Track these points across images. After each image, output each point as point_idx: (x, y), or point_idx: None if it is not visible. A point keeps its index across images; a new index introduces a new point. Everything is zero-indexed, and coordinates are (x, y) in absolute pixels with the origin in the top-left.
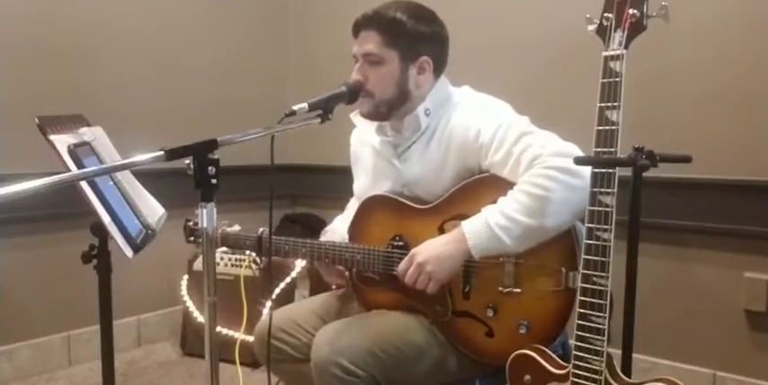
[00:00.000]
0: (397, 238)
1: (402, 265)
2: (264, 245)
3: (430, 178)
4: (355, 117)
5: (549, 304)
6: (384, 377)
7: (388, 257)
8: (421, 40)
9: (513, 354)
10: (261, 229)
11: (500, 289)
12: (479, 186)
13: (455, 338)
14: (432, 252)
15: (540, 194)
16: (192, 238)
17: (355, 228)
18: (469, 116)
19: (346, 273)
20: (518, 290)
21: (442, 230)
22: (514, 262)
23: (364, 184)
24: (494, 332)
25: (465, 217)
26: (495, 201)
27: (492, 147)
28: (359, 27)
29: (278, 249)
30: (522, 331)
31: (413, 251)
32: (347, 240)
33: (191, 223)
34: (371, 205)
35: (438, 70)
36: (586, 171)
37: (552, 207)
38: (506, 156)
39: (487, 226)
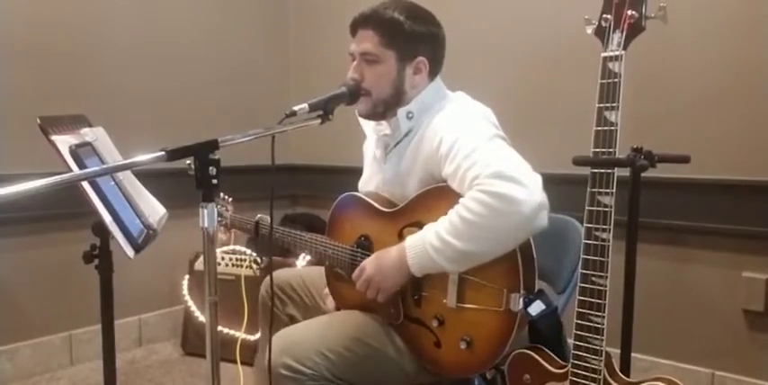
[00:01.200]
0: (363, 238)
1: (354, 275)
2: (260, 230)
3: (400, 181)
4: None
5: (490, 324)
6: (336, 376)
7: (352, 255)
8: (418, 41)
9: (512, 354)
10: (258, 216)
11: (444, 301)
12: (437, 195)
13: (410, 343)
14: (378, 265)
15: (470, 219)
16: (220, 219)
17: (330, 224)
18: (440, 123)
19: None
20: (460, 304)
21: (401, 235)
22: (459, 277)
23: (362, 180)
24: (440, 343)
25: (421, 224)
26: (447, 212)
27: (448, 159)
28: (356, 26)
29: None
30: (463, 346)
31: (363, 263)
32: None
33: (218, 206)
34: (345, 203)
35: (433, 71)
36: (523, 197)
37: (480, 232)
38: (456, 169)
39: (423, 245)
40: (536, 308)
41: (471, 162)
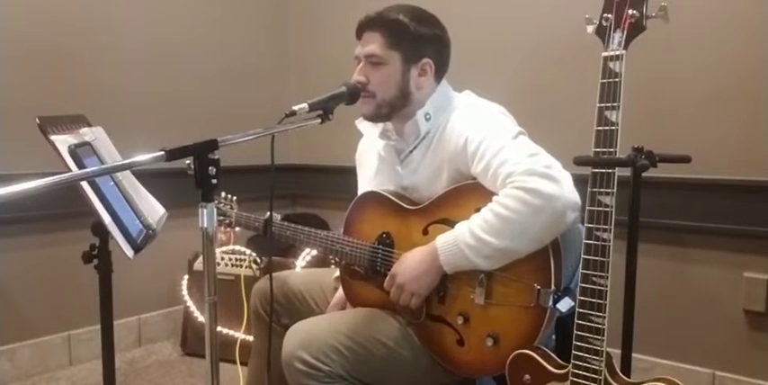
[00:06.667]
0: (384, 236)
1: (386, 285)
2: (271, 227)
3: (427, 183)
4: (360, 123)
5: (519, 320)
6: (351, 374)
7: (373, 253)
8: (423, 42)
9: (512, 354)
10: (268, 213)
11: (471, 297)
12: (465, 192)
13: (428, 342)
14: (410, 273)
15: (506, 215)
16: (222, 218)
17: (348, 222)
18: (461, 123)
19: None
20: (488, 301)
21: (426, 232)
22: (488, 273)
23: (367, 189)
24: (464, 341)
25: (449, 221)
26: (478, 209)
27: (476, 158)
28: (362, 29)
29: (280, 234)
30: (489, 343)
31: (393, 271)
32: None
33: (220, 205)
34: (365, 201)
35: (439, 74)
36: (558, 193)
37: (517, 229)
38: (486, 168)
39: (457, 244)
40: (565, 304)
41: (501, 160)
